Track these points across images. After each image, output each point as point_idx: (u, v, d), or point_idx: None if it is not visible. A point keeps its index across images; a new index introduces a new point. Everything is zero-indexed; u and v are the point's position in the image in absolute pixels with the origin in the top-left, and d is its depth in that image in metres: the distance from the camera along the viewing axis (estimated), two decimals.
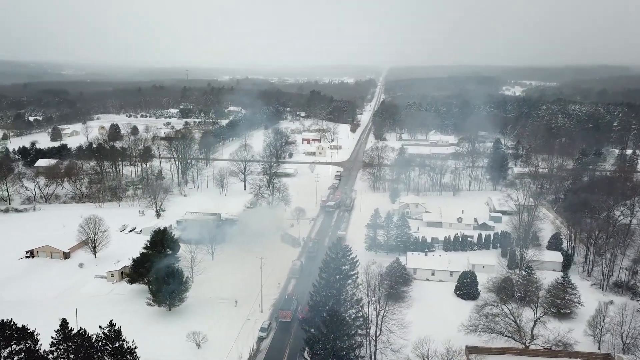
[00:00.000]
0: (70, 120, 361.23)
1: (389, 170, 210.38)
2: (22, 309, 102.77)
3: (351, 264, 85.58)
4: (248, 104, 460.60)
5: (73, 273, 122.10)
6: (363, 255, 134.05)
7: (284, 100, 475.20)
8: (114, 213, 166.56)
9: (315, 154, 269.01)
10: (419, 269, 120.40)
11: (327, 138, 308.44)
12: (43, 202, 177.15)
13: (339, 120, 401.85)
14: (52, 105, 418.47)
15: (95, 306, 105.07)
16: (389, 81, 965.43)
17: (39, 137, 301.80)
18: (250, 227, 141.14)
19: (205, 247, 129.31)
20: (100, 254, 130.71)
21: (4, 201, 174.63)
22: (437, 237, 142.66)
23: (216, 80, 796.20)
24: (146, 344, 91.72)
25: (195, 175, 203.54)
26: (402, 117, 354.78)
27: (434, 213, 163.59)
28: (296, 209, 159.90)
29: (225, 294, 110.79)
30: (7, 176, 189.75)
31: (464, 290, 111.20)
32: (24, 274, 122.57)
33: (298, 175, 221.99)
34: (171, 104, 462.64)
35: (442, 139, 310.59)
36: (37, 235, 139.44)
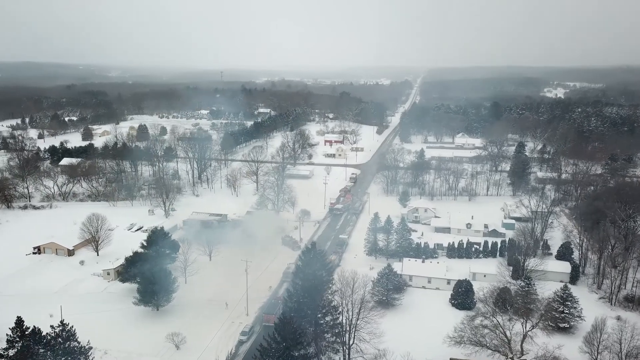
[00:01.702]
0: (104, 120, 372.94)
1: (405, 174, 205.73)
2: (20, 303, 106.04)
3: (327, 270, 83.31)
4: (277, 105, 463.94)
5: (74, 270, 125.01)
6: (363, 260, 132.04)
7: (313, 101, 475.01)
8: (125, 212, 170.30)
9: (335, 156, 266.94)
10: (415, 276, 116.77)
11: (350, 140, 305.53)
12: (61, 199, 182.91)
13: (366, 122, 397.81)
14: (89, 106, 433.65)
15: (85, 303, 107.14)
16: (425, 83, 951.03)
17: (71, 137, 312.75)
18: (251, 229, 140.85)
19: (203, 248, 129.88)
20: (102, 251, 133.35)
21: (24, 198, 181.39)
22: (441, 243, 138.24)
23: (253, 82, 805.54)
24: (125, 343, 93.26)
25: (209, 175, 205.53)
26: (429, 120, 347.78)
27: (443, 218, 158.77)
28: (301, 211, 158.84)
29: (216, 296, 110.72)
30: (32, 174, 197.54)
31: (459, 299, 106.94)
32: (29, 269, 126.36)
33: (313, 177, 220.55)
34: (202, 105, 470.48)
35: (468, 142, 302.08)
36: (48, 231, 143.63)
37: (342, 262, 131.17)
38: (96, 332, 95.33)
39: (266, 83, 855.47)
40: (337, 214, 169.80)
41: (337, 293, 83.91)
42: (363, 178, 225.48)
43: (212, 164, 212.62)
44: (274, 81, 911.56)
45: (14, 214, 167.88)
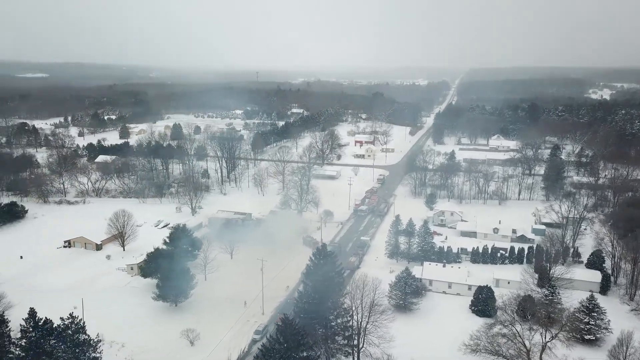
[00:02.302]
0: (142, 119, 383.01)
1: (434, 176, 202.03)
2: (49, 295, 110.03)
3: (338, 271, 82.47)
4: (309, 106, 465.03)
5: (100, 264, 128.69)
6: (384, 262, 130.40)
7: (346, 102, 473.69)
8: (154, 209, 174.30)
9: (364, 156, 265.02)
10: (435, 281, 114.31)
11: (380, 141, 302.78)
12: (94, 195, 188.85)
13: (399, 122, 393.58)
14: (127, 105, 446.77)
15: (108, 297, 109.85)
16: (464, 83, 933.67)
17: (110, 135, 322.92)
18: (273, 229, 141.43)
19: (225, 246, 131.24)
20: (128, 247, 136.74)
21: (60, 193, 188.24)
22: (466, 247, 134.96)
23: (288, 83, 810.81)
24: (142, 337, 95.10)
25: (237, 174, 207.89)
26: (463, 121, 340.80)
27: (470, 222, 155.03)
28: (324, 212, 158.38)
29: (234, 294, 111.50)
30: (70, 170, 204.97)
31: (479, 306, 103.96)
32: (59, 262, 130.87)
33: (340, 178, 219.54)
34: (237, 105, 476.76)
35: (503, 144, 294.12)
36: (79, 226, 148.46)
37: (363, 265, 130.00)
38: (116, 325, 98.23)
39: (302, 84, 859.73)
40: (362, 215, 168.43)
41: (348, 295, 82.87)
42: (391, 179, 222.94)
43: (241, 163, 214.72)
44: (309, 82, 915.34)
45: (50, 208, 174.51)
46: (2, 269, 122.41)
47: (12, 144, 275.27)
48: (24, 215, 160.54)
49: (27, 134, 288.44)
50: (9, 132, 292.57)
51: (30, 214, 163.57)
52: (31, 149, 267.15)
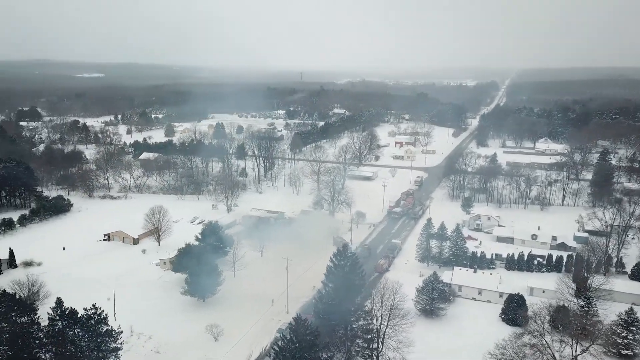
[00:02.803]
0: (188, 118, 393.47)
1: (473, 179, 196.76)
2: (86, 286, 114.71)
3: (358, 273, 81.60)
4: (351, 106, 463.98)
5: (135, 258, 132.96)
6: (414, 266, 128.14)
7: (389, 102, 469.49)
8: (191, 205, 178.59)
9: (403, 158, 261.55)
10: (465, 287, 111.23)
11: (421, 142, 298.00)
12: (136, 191, 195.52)
13: (442, 124, 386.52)
14: (175, 104, 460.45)
15: (140, 290, 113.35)
16: (514, 84, 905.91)
17: (156, 133, 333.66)
18: (303, 228, 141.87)
19: (256, 244, 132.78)
20: (163, 242, 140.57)
21: (104, 188, 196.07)
22: (501, 253, 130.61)
23: (333, 83, 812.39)
24: (169, 330, 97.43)
25: (274, 173, 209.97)
26: (509, 123, 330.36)
27: (507, 228, 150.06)
28: (356, 213, 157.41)
29: (261, 292, 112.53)
30: (115, 167, 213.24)
31: (510, 314, 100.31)
32: (98, 255, 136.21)
33: (377, 179, 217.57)
34: (280, 106, 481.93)
35: (550, 148, 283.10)
36: (119, 220, 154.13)
37: (392, 268, 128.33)
38: (145, 317, 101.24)
39: (346, 84, 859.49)
40: (395, 217, 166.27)
41: (369, 298, 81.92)
42: (430, 182, 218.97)
43: (278, 163, 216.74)
44: (354, 82, 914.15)
45: (93, 203, 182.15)
46: (45, 259, 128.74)
47: (64, 140, 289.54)
48: (69, 208, 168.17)
49: (78, 131, 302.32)
50: (62, 129, 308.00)
51: (75, 208, 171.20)
52: (82, 145, 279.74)
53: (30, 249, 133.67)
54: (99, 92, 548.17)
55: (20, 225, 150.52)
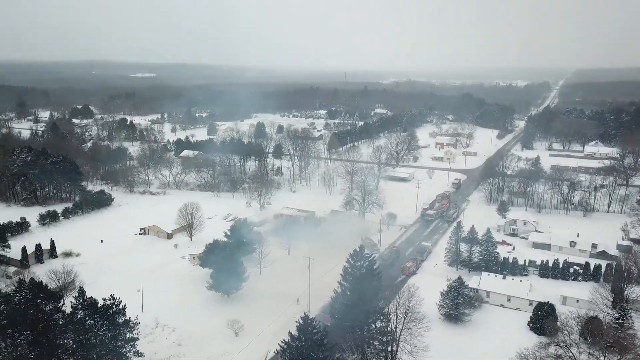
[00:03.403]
0: (230, 117, 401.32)
1: (513, 182, 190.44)
2: (120, 277, 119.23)
3: (375, 274, 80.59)
4: (394, 106, 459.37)
5: (168, 252, 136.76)
6: (442, 270, 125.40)
7: (433, 102, 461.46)
8: (226, 202, 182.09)
9: (443, 159, 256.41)
10: (493, 293, 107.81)
11: (462, 144, 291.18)
12: (174, 187, 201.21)
13: (487, 125, 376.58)
14: (219, 103, 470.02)
15: (169, 283, 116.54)
16: (568, 85, 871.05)
17: (199, 132, 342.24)
18: (332, 228, 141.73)
19: (284, 242, 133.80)
20: (195, 237, 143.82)
21: (145, 184, 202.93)
22: (535, 260, 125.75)
23: (378, 83, 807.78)
24: (193, 324, 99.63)
25: (309, 173, 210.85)
26: (557, 125, 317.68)
27: (545, 234, 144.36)
28: (387, 215, 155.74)
29: (285, 290, 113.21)
30: (158, 163, 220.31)
31: (538, 323, 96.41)
32: (134, 248, 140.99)
33: (413, 180, 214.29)
34: (322, 105, 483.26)
35: (600, 151, 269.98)
36: (155, 215, 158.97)
37: (420, 271, 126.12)
38: (171, 310, 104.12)
39: (391, 84, 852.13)
40: (428, 220, 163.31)
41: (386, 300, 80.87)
42: (468, 184, 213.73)
43: (313, 162, 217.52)
44: (399, 82, 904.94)
45: (133, 198, 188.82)
46: (84, 251, 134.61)
47: (112, 137, 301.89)
48: (110, 203, 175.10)
49: (125, 129, 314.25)
50: (111, 126, 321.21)
51: (115, 202, 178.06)
52: (128, 142, 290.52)
53: (71, 240, 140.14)
54: (149, 91, 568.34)
55: (63, 217, 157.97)
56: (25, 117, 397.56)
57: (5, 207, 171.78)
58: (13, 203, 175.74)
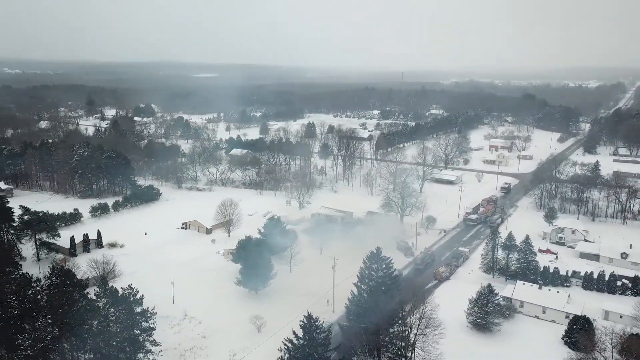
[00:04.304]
0: (284, 117, 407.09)
1: (566, 188, 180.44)
2: (159, 269, 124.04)
3: (391, 277, 78.94)
4: (451, 107, 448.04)
5: (205, 247, 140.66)
6: (478, 277, 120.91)
7: (491, 103, 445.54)
8: (268, 200, 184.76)
9: (495, 162, 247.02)
10: (527, 303, 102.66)
11: (517, 147, 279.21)
12: (221, 185, 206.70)
13: (549, 128, 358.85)
14: (274, 103, 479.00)
15: (202, 277, 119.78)
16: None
17: (252, 131, 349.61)
18: (368, 230, 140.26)
19: (317, 242, 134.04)
20: (233, 233, 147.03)
21: (193, 181, 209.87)
22: (579, 271, 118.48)
23: (438, 83, 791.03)
24: (218, 318, 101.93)
25: (352, 173, 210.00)
26: (625, 129, 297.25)
27: (594, 244, 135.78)
28: (426, 218, 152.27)
29: (312, 289, 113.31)
30: (209, 160, 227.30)
31: (573, 338, 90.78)
32: (175, 241, 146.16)
33: (460, 183, 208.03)
34: (376, 106, 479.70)
35: None
36: (198, 211, 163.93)
37: (454, 277, 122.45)
38: (200, 302, 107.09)
39: (451, 84, 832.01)
40: (470, 224, 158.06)
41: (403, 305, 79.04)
42: (519, 189, 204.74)
43: (357, 163, 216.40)
44: (459, 82, 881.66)
45: (181, 193, 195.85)
46: (128, 242, 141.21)
47: (169, 135, 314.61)
48: (158, 197, 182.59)
49: (181, 127, 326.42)
50: (168, 124, 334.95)
51: (163, 197, 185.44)
52: (183, 140, 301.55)
53: (117, 232, 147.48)
54: (208, 90, 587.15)
55: (113, 210, 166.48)
56: (93, 115, 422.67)
57: (64, 199, 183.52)
58: (71, 195, 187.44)
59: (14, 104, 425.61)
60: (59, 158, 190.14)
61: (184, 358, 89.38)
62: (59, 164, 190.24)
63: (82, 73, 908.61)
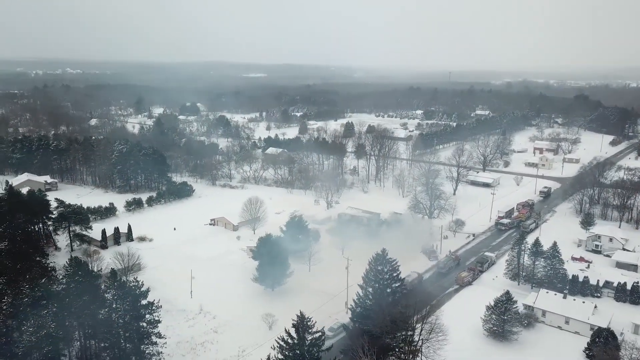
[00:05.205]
0: (324, 117, 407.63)
1: (608, 193, 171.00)
2: (183, 262, 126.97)
3: (396, 279, 77.25)
4: (498, 108, 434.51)
5: (231, 243, 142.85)
6: (502, 283, 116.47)
7: (540, 104, 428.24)
8: (297, 199, 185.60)
9: (538, 165, 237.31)
10: (550, 313, 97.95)
11: (563, 150, 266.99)
12: (253, 183, 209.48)
13: (601, 130, 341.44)
14: (317, 103, 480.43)
15: (222, 272, 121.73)
16: None
17: (291, 130, 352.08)
18: (393, 231, 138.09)
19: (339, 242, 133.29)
20: (259, 230, 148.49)
21: (227, 178, 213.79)
22: (613, 281, 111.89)
23: (488, 83, 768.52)
24: (231, 313, 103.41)
25: (384, 174, 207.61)
26: None
27: (634, 253, 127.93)
28: (455, 221, 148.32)
29: (329, 289, 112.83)
30: (245, 159, 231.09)
31: (595, 351, 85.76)
32: (202, 236, 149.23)
33: (498, 186, 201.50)
34: (420, 105, 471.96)
35: None
36: (228, 208, 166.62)
37: (477, 282, 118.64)
38: (216, 298, 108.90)
39: (502, 84, 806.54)
40: (502, 229, 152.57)
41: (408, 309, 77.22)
42: (560, 193, 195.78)
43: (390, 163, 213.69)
44: (512, 82, 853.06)
45: (214, 190, 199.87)
46: (157, 236, 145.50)
47: (210, 133, 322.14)
48: (191, 194, 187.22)
49: (222, 126, 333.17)
50: (209, 123, 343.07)
51: (196, 194, 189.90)
52: (223, 138, 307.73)
53: (149, 226, 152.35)
54: (254, 90, 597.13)
55: (147, 205, 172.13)
56: (142, 113, 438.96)
57: (103, 193, 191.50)
58: (110, 190, 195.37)
59: (70, 102, 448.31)
60: (100, 154, 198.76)
61: (194, 352, 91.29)
62: (100, 159, 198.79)
63: (137, 73, 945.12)
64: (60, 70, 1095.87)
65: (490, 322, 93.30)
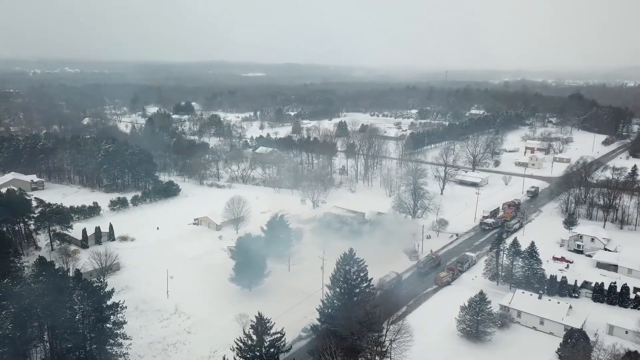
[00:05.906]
0: (318, 116, 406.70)
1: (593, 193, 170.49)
2: (165, 263, 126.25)
3: (362, 279, 76.80)
4: (493, 107, 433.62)
5: (213, 243, 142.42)
6: (481, 283, 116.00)
7: (535, 104, 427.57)
8: (283, 198, 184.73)
9: (528, 165, 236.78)
10: (525, 313, 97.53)
11: (554, 149, 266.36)
12: (241, 182, 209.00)
13: (595, 130, 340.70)
14: (312, 102, 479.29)
15: (201, 273, 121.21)
16: None
17: (285, 129, 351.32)
18: (375, 231, 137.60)
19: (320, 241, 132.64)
20: (242, 230, 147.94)
21: (215, 177, 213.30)
22: (592, 281, 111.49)
23: (486, 82, 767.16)
24: (205, 313, 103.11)
25: (372, 173, 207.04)
26: None
27: (614, 253, 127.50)
28: (437, 221, 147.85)
29: (307, 289, 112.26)
30: (235, 158, 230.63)
31: (567, 352, 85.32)
32: (185, 236, 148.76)
33: (487, 186, 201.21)
34: (415, 105, 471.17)
35: None
36: (213, 207, 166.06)
37: (457, 282, 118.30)
38: (192, 298, 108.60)
39: (500, 84, 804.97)
40: (486, 229, 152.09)
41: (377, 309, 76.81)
42: (547, 193, 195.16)
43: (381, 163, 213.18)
44: (510, 82, 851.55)
45: (200, 190, 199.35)
46: (139, 236, 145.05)
47: (202, 132, 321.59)
48: (177, 193, 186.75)
49: (214, 125, 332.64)
50: (201, 122, 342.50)
51: (182, 193, 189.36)
52: (215, 138, 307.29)
53: (132, 226, 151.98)
54: (251, 89, 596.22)
55: (132, 204, 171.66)
56: (136, 112, 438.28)
57: (90, 193, 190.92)
58: (97, 189, 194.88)
59: (65, 101, 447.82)
60: (86, 153, 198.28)
61: (166, 352, 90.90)
62: (86, 159, 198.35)
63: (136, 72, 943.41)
64: (59, 70, 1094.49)
65: (464, 322, 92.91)
